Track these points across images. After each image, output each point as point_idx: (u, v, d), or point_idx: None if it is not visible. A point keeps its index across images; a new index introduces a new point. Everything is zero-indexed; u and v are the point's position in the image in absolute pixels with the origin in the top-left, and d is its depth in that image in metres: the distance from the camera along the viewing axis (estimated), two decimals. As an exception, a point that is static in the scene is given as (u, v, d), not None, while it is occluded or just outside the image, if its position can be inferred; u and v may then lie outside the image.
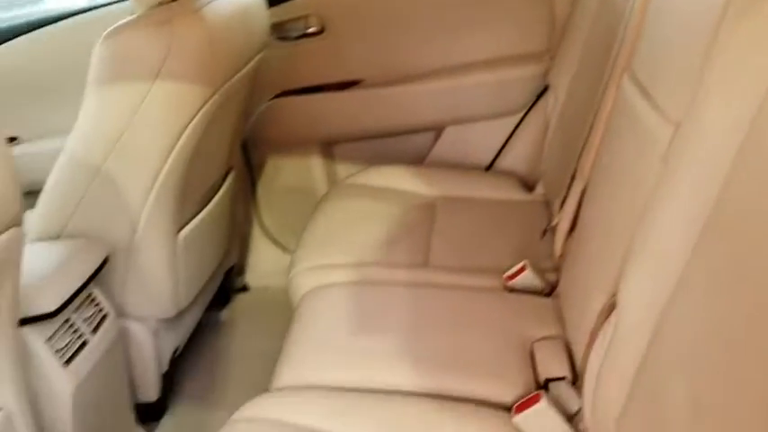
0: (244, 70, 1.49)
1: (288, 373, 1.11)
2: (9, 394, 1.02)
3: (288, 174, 2.13)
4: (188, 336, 1.68)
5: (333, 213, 1.69)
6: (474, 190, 1.80)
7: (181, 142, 1.31)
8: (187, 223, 1.49)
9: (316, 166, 2.11)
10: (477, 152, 2.00)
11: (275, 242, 2.14)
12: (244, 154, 2.03)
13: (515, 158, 1.94)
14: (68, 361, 1.19)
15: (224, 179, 1.72)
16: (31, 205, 1.34)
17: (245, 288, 2.15)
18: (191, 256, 1.50)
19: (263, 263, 2.13)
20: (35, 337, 1.14)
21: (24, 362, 1.08)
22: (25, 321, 1.11)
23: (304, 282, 1.40)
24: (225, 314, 2.03)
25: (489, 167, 2.00)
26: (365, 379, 1.07)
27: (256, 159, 2.11)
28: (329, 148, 2.10)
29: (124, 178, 1.30)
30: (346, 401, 1.02)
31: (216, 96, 1.35)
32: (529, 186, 1.85)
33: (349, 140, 2.09)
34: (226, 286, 2.03)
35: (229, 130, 1.62)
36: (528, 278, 1.31)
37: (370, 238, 1.53)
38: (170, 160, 1.31)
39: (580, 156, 1.28)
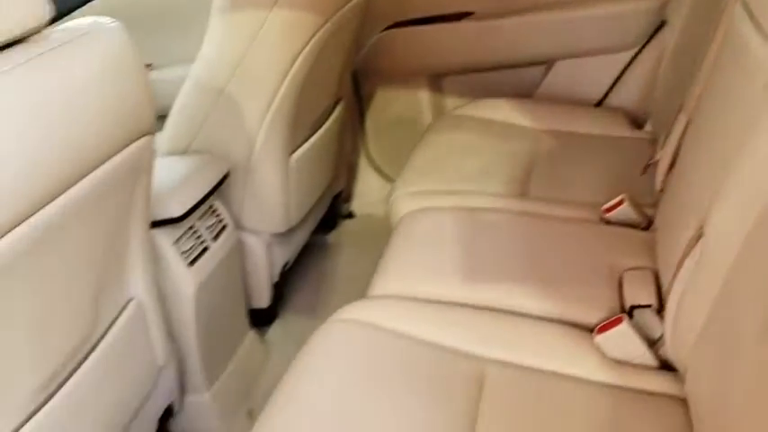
0: (355, 0, 1.55)
1: (383, 284, 1.19)
2: (141, 287, 1.16)
3: (396, 105, 2.18)
4: (297, 252, 1.80)
5: (437, 143, 1.74)
6: (580, 125, 1.79)
7: (294, 68, 1.40)
8: (298, 147, 1.59)
9: (424, 97, 2.15)
10: (587, 88, 1.97)
11: (380, 172, 2.22)
12: (354, 84, 2.10)
13: (627, 95, 1.90)
14: (192, 263, 1.33)
15: (334, 108, 1.80)
16: (160, 128, 1.47)
17: (350, 215, 2.26)
18: (301, 178, 1.61)
19: (368, 191, 2.22)
20: (164, 240, 1.28)
21: (154, 261, 1.23)
22: (156, 224, 1.25)
23: (404, 205, 1.47)
24: (331, 238, 2.15)
25: (599, 104, 1.97)
26: (457, 294, 1.14)
27: (366, 90, 2.18)
28: (438, 80, 2.13)
29: (243, 101, 1.41)
30: (437, 312, 1.09)
31: (328, 25, 1.42)
32: (638, 124, 1.82)
33: (458, 73, 2.11)
34: (333, 212, 2.14)
35: (340, 60, 1.69)
36: (625, 211, 1.32)
37: (471, 168, 1.57)
38: (284, 85, 1.40)
39: (688, 90, 1.25)
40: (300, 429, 0.89)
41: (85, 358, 1.02)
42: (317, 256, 2.04)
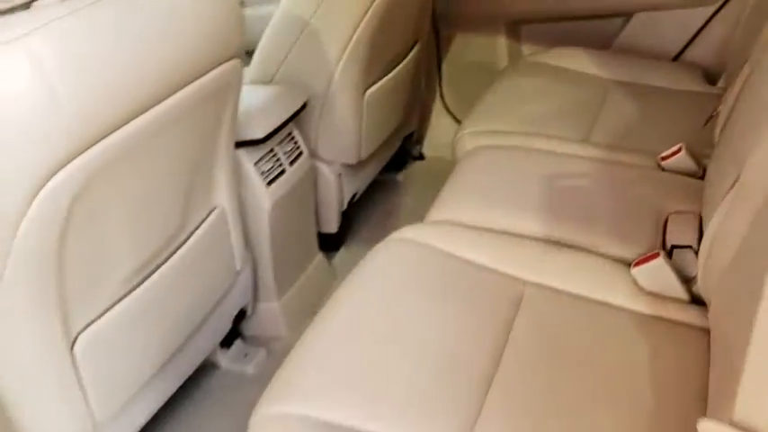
0: (437, -57, 1.61)
1: (439, 211, 1.29)
2: (224, 198, 1.30)
3: (473, 50, 2.23)
4: (365, 186, 1.92)
5: (507, 87, 1.80)
6: (653, 78, 1.80)
7: (374, 7, 1.49)
8: (373, 84, 1.69)
9: (501, 44, 2.19)
10: (665, 41, 1.97)
11: (453, 115, 2.29)
12: (433, 28, 2.16)
13: (704, 50, 1.89)
14: (269, 183, 1.46)
15: (410, 49, 1.88)
16: (248, 63, 1.60)
17: (421, 156, 2.35)
18: (373, 114, 1.71)
19: (440, 134, 2.30)
20: (246, 159, 1.42)
21: (237, 177, 1.36)
22: (240, 145, 1.38)
23: (468, 142, 1.55)
24: (400, 177, 2.25)
25: (676, 58, 1.97)
26: (505, 223, 1.22)
27: (445, 34, 2.23)
28: (516, 27, 2.16)
29: (325, 35, 1.51)
30: (485, 238, 1.18)
31: (407, -34, 1.50)
32: (712, 80, 1.81)
33: (537, 21, 2.13)
34: (403, 152, 2.24)
35: (418, 2, 1.76)
36: (682, 160, 1.36)
37: (537, 112, 1.63)
38: (363, 22, 1.49)
39: (755, 43, 1.27)
40: (352, 329, 1.01)
41: (172, 254, 1.17)
42: (386, 192, 2.15)
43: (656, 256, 1.06)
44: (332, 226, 1.78)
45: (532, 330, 0.99)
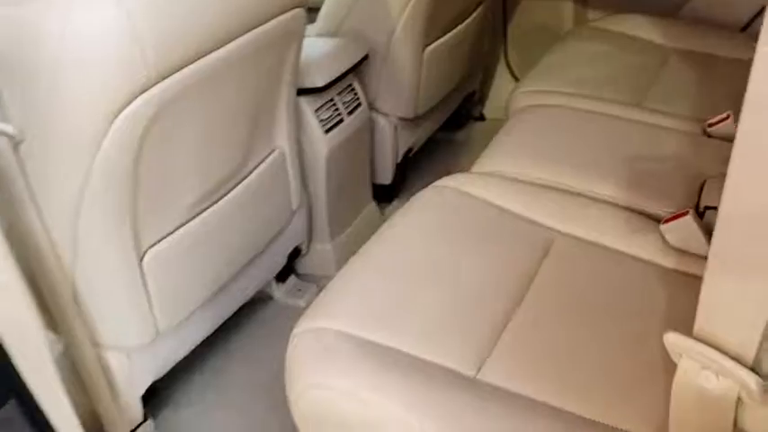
0: None
1: (485, 163, 1.36)
2: (284, 140, 1.41)
3: (539, 13, 2.25)
4: (422, 141, 1.99)
5: (567, 50, 1.82)
6: (718, 48, 1.79)
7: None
8: (434, 41, 1.75)
9: (567, 8, 2.20)
10: (735, 11, 1.94)
11: (516, 78, 2.32)
12: (500, -9, 2.19)
13: (774, 20, 1.86)
14: (327, 131, 1.56)
15: (474, 9, 1.92)
16: (313, 20, 1.68)
17: (481, 117, 2.39)
18: (432, 70, 1.77)
19: (501, 95, 2.32)
20: (306, 106, 1.51)
21: (297, 123, 1.46)
22: (301, 92, 1.48)
23: (521, 100, 1.60)
24: (459, 136, 2.30)
25: (744, 29, 1.94)
26: (548, 177, 1.28)
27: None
28: (583, -9, 2.17)
29: (387, -9, 1.58)
30: (522, 189, 1.24)
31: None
32: (779, 51, 1.79)
33: (604, -14, 2.13)
34: (464, 112, 2.29)
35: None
36: (729, 127, 1.37)
37: (593, 76, 1.66)
38: (424, -20, 1.55)
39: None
40: (390, 262, 1.10)
41: (234, 187, 1.28)
42: (443, 150, 2.21)
43: (685, 213, 1.09)
44: (386, 177, 1.87)
45: (556, 277, 1.06)
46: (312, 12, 1.57)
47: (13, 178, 0.94)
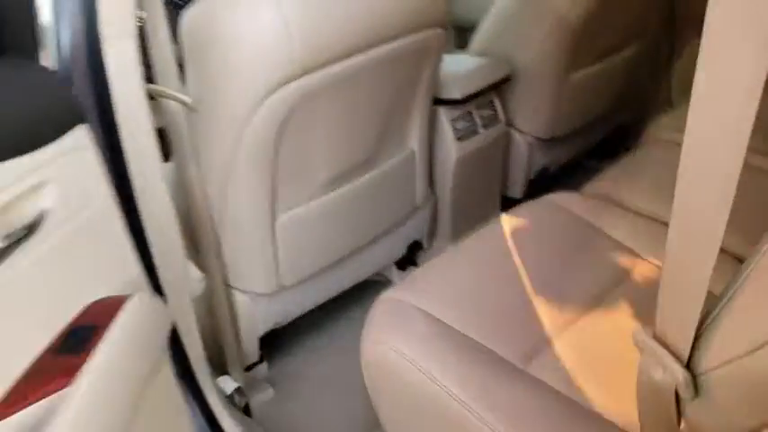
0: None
1: (597, 185, 1.45)
2: (416, 143, 1.57)
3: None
4: (558, 162, 2.06)
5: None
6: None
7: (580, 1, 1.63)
8: (579, 69, 1.83)
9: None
10: None
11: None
12: (672, 28, 2.19)
13: None
14: (460, 138, 1.70)
15: (628, 44, 1.96)
16: (461, 40, 1.81)
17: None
18: (575, 96, 1.86)
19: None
20: (444, 115, 1.67)
21: (433, 129, 1.62)
22: (440, 102, 1.64)
23: (659, 133, 1.64)
24: (604, 164, 2.31)
25: None
26: (649, 208, 1.34)
27: (685, 36, 2.24)
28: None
29: (533, 19, 1.70)
30: (633, 221, 1.30)
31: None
32: None
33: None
34: (617, 142, 2.31)
35: (638, 4, 1.85)
36: None
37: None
38: (570, 11, 1.64)
39: None
40: (479, 258, 1.22)
41: (364, 174, 1.47)
42: (581, 175, 2.25)
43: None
44: (517, 191, 1.97)
45: (627, 301, 1.12)
46: (463, 32, 1.73)
47: (182, 139, 1.19)
